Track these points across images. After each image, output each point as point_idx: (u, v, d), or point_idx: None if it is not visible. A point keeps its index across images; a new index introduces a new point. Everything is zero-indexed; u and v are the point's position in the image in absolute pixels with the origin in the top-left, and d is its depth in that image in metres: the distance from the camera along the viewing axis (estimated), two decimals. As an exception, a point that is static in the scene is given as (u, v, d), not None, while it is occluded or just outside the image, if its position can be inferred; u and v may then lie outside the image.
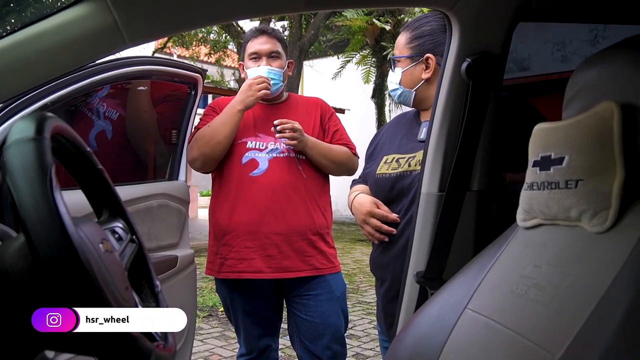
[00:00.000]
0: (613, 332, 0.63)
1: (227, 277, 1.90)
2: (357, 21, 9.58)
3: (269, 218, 1.85)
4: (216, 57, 11.65)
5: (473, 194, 1.17)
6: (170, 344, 0.78)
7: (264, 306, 1.96)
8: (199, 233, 9.78)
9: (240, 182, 1.88)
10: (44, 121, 0.65)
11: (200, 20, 1.03)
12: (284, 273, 1.88)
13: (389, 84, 1.55)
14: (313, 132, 1.97)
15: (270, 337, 2.02)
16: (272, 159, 1.89)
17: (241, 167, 1.89)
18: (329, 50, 10.71)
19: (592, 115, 0.78)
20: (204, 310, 4.50)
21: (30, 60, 0.93)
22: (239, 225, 1.87)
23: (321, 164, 1.94)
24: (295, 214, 1.86)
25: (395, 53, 1.53)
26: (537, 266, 0.85)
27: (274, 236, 1.85)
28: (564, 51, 7.55)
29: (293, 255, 1.87)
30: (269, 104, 2.01)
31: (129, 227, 0.89)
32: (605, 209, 0.75)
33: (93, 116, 1.72)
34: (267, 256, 1.85)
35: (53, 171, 0.59)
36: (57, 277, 0.55)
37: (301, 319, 1.95)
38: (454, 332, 0.94)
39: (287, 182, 1.87)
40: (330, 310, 1.94)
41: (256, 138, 1.92)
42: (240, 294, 1.93)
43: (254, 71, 1.93)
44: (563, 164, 0.81)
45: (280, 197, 1.86)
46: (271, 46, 1.95)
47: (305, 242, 1.89)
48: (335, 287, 1.96)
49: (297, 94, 2.16)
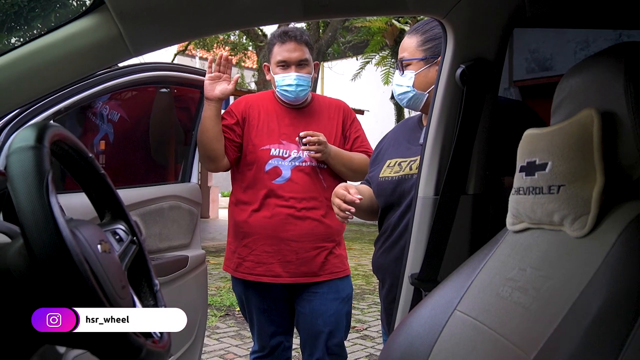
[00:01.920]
0: (581, 336, 0.65)
1: (244, 277, 1.95)
2: (376, 22, 9.58)
3: (288, 225, 1.90)
4: (237, 59, 11.77)
5: (469, 197, 1.19)
6: (165, 340, 0.82)
7: (278, 305, 2.00)
8: (219, 233, 9.89)
9: (263, 189, 1.92)
10: (44, 130, 0.69)
11: (200, 30, 1.07)
12: (301, 278, 1.93)
13: (397, 88, 1.52)
14: (335, 138, 2.00)
15: (283, 335, 2.06)
16: (295, 167, 1.93)
17: (264, 174, 1.93)
18: (347, 52, 10.73)
19: (574, 122, 0.80)
20: (221, 309, 4.57)
21: (39, 70, 0.98)
22: (259, 230, 1.92)
23: (342, 172, 1.97)
24: (314, 222, 1.91)
25: (404, 56, 1.52)
26: (522, 269, 0.87)
27: (293, 243, 1.90)
28: (587, 50, 7.44)
29: (310, 261, 1.92)
30: (293, 108, 2.03)
31: (130, 229, 0.93)
32: (584, 214, 0.77)
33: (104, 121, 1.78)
34: (285, 262, 1.91)
35: (50, 177, 0.64)
36: (51, 275, 0.60)
37: (303, 314, 1.99)
38: (443, 333, 0.96)
39: (308, 191, 1.92)
40: (333, 310, 1.97)
41: (280, 145, 1.95)
42: (256, 292, 1.97)
43: (282, 78, 1.95)
44: (546, 170, 0.83)
45: (300, 205, 1.91)
46: (300, 54, 1.95)
47: (323, 249, 1.94)
48: (342, 289, 1.99)
49: (320, 95, 2.17)
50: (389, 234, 1.48)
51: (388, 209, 1.50)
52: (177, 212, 1.80)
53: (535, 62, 7.69)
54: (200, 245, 1.92)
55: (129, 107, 1.98)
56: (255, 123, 1.99)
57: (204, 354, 3.50)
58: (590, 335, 0.64)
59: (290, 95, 1.96)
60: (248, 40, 9.75)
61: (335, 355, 2.00)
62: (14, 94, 0.98)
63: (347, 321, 2.05)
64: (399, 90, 1.52)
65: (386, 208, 1.50)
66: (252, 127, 1.98)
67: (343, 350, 2.05)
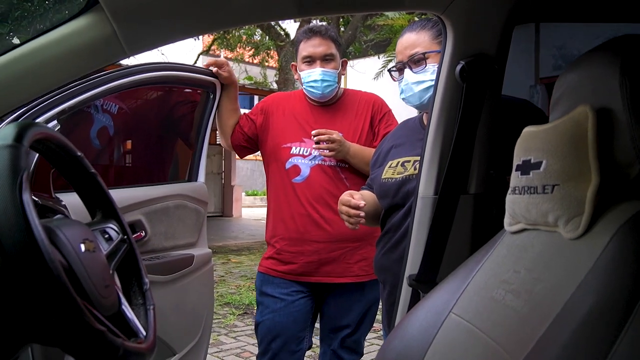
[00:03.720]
0: (568, 338, 0.62)
1: (267, 272, 1.96)
2: (398, 20, 9.48)
3: (310, 225, 1.89)
4: (259, 58, 11.82)
5: (469, 197, 1.16)
6: (150, 340, 0.82)
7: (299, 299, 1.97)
8: (242, 232, 9.96)
9: (283, 187, 1.93)
10: (25, 129, 0.70)
11: (195, 29, 1.07)
12: (325, 277, 1.91)
13: (414, 86, 1.43)
14: (361, 136, 1.95)
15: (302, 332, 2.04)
16: (314, 166, 1.91)
17: (284, 172, 1.93)
18: (369, 50, 10.66)
19: (568, 120, 0.77)
20: (240, 308, 4.59)
21: (35, 71, 0.99)
22: (282, 231, 1.93)
23: (365, 171, 1.88)
24: (336, 222, 1.83)
25: (417, 51, 1.44)
26: (517, 271, 0.84)
27: (315, 243, 1.89)
28: (616, 46, 7.24)
29: (334, 262, 1.90)
30: (320, 105, 2.00)
31: (121, 228, 0.93)
32: (578, 215, 0.74)
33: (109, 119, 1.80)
34: (308, 262, 1.89)
35: (25, 176, 0.64)
36: (22, 272, 0.60)
37: (325, 312, 1.99)
38: (438, 336, 0.94)
39: (328, 190, 1.88)
40: (357, 312, 1.96)
41: (301, 143, 1.94)
42: (277, 286, 1.96)
43: (307, 74, 1.93)
44: (541, 169, 0.80)
45: (320, 204, 1.88)
46: (325, 48, 1.92)
47: (347, 249, 1.90)
48: (368, 291, 1.96)
49: (353, 90, 2.11)
50: (391, 235, 1.46)
51: (391, 210, 1.47)
52: (182, 211, 1.81)
53: (563, 59, 7.52)
54: (206, 244, 1.92)
55: (135, 106, 2.00)
56: (278, 121, 1.99)
57: (220, 352, 3.53)
58: (576, 339, 0.62)
59: (317, 91, 1.93)
60: (270, 40, 9.78)
61: (350, 350, 1.99)
62: (11, 94, 1.00)
63: (370, 321, 2.03)
64: (420, 87, 1.43)
65: (389, 209, 1.48)
66: (275, 125, 1.99)
67: (359, 347, 2.04)
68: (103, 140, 1.84)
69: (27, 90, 1.01)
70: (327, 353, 2.00)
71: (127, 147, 2.05)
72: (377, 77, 10.57)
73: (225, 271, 6.21)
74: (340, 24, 8.61)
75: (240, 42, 11.59)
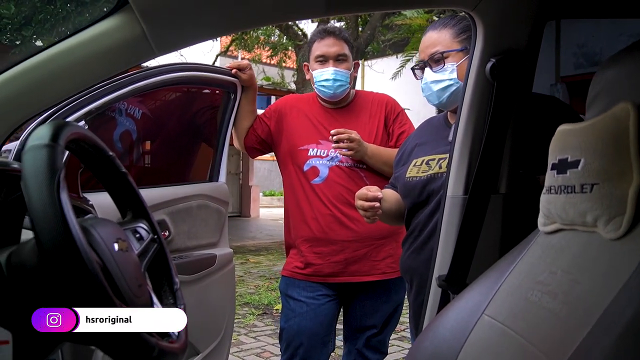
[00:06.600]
0: (612, 344, 0.60)
1: (293, 276, 1.95)
2: (417, 20, 9.42)
3: (335, 225, 1.88)
4: (277, 59, 11.83)
5: (499, 197, 1.14)
6: (182, 340, 0.82)
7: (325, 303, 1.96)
8: (259, 232, 10.00)
9: (302, 189, 1.92)
10: (60, 129, 0.70)
11: (223, 28, 1.07)
12: (352, 277, 1.90)
13: (434, 85, 1.43)
14: (376, 136, 1.95)
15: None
16: (333, 167, 1.91)
17: (303, 174, 1.93)
18: (387, 50, 10.62)
19: (608, 117, 0.75)
20: (259, 308, 4.60)
21: (66, 71, 1.00)
22: (305, 232, 1.92)
23: (383, 171, 1.90)
24: (360, 220, 1.79)
25: (437, 50, 1.43)
26: (553, 272, 0.83)
27: (341, 243, 1.88)
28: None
29: (361, 261, 1.89)
30: (333, 107, 2.00)
31: (151, 227, 0.94)
32: (619, 215, 0.72)
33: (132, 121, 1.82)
34: (333, 262, 1.89)
35: (62, 175, 0.64)
36: (59, 270, 0.60)
37: (351, 312, 1.98)
38: (470, 338, 0.92)
39: (348, 188, 1.87)
40: (383, 312, 1.96)
41: (318, 145, 1.94)
42: (303, 289, 1.94)
43: (320, 73, 1.93)
44: (579, 167, 0.78)
45: (342, 204, 1.88)
46: (338, 49, 1.93)
47: (372, 247, 1.89)
48: (395, 291, 1.95)
49: (364, 91, 2.12)
50: (417, 234, 1.44)
51: (416, 209, 1.45)
52: (205, 211, 1.82)
53: (584, 57, 7.39)
54: (227, 244, 1.93)
55: (157, 107, 2.01)
56: (292, 123, 1.99)
57: (241, 351, 3.54)
58: (621, 345, 0.60)
59: (328, 90, 1.92)
60: (288, 40, 9.78)
61: (375, 349, 1.98)
62: (43, 94, 1.01)
63: (396, 320, 2.02)
64: (438, 86, 1.43)
65: (413, 208, 1.46)
66: (289, 127, 1.99)
67: (384, 347, 2.02)
68: (125, 143, 1.85)
69: (58, 90, 1.02)
70: (352, 352, 1.99)
71: (147, 148, 2.06)
72: (394, 77, 10.55)
73: (244, 271, 6.23)
74: (359, 24, 8.58)
75: (258, 42, 11.61)
